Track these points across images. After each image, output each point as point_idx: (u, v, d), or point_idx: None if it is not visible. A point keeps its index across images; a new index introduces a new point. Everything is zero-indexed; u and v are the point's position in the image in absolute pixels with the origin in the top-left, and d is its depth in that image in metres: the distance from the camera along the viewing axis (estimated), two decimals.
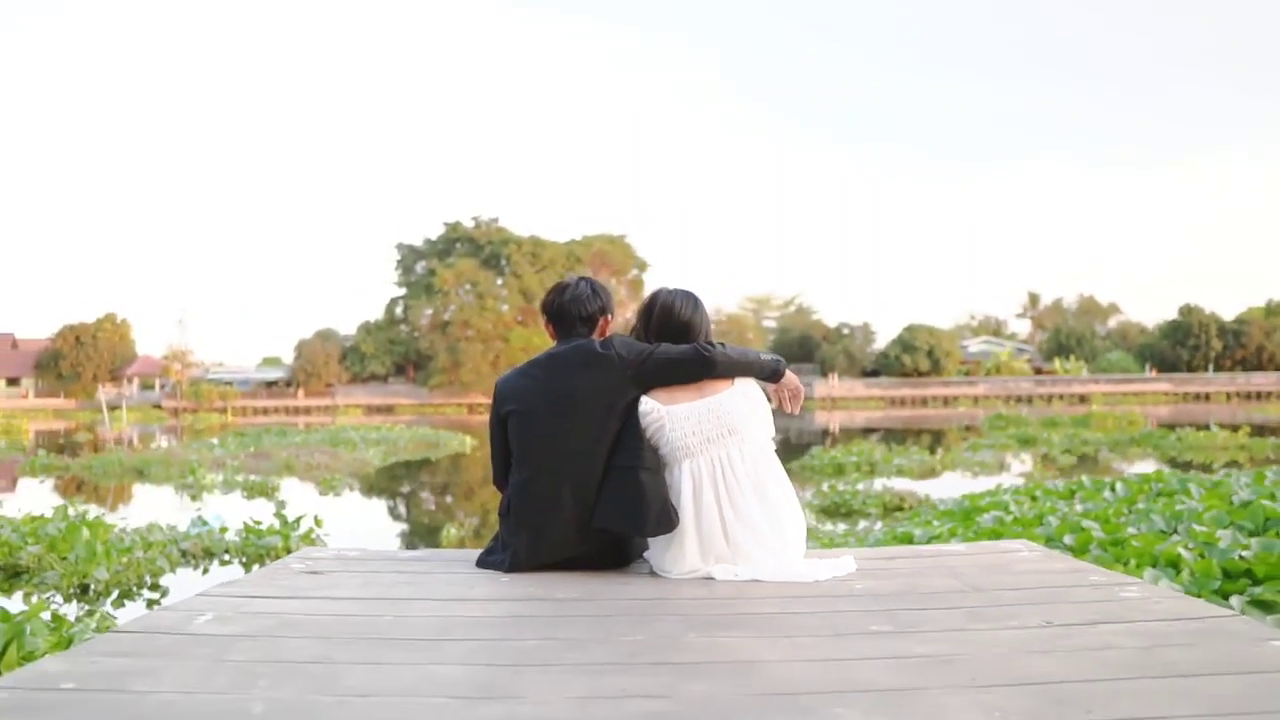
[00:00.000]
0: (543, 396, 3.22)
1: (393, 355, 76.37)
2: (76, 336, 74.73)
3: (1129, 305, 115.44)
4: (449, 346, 70.79)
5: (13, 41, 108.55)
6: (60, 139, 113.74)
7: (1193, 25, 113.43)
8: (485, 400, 65.77)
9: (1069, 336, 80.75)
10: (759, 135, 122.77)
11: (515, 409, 3.28)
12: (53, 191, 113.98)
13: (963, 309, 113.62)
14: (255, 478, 16.72)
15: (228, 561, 8.90)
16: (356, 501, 15.56)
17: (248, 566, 8.56)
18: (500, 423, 3.35)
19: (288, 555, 3.41)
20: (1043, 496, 9.74)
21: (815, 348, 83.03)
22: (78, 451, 23.51)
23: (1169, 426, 24.87)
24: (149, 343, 78.83)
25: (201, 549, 9.12)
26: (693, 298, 3.37)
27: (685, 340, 3.26)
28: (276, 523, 9.79)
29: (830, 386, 70.56)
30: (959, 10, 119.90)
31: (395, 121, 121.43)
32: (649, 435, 3.13)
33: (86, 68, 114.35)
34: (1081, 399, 63.20)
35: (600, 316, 3.38)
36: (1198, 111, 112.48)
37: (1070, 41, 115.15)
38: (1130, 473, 12.78)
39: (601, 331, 3.39)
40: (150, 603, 7.41)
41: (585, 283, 3.43)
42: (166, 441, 29.59)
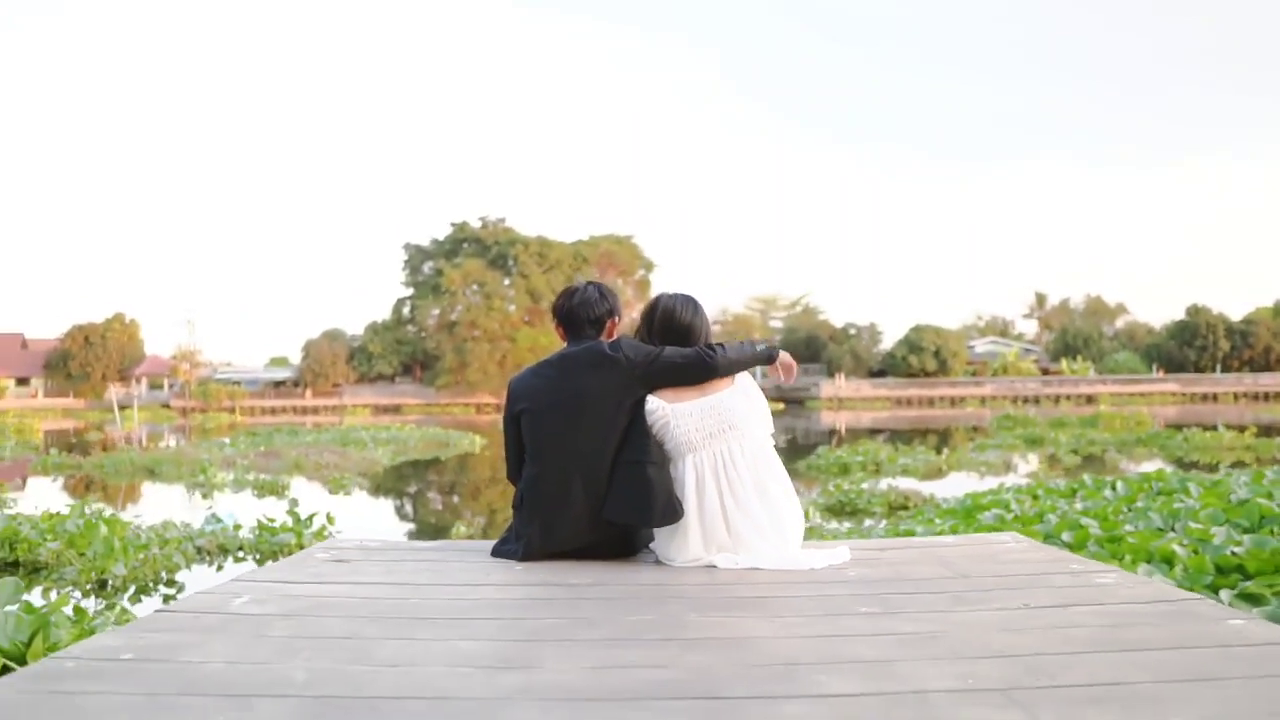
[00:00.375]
0: (554, 395, 3.39)
1: (400, 355, 76.40)
2: (85, 336, 74.83)
3: (1136, 306, 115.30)
4: (456, 346, 70.76)
5: (21, 42, 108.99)
6: (70, 140, 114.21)
7: (1192, 25, 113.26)
8: (492, 400, 66.17)
9: (1076, 337, 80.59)
10: (762, 135, 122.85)
11: (528, 407, 3.45)
12: (61, 192, 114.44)
13: (969, 309, 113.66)
14: (266, 477, 16.86)
15: (241, 558, 9.02)
16: (367, 500, 15.71)
17: (261, 563, 8.69)
18: (514, 420, 3.52)
19: (312, 545, 3.57)
20: (1044, 495, 9.81)
21: (822, 348, 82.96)
22: (88, 451, 23.69)
23: (1176, 427, 24.79)
24: (157, 343, 79.13)
25: (216, 546, 9.25)
26: (693, 302, 3.54)
27: (686, 342, 3.43)
28: (289, 520, 9.92)
29: (837, 387, 70.46)
30: (959, 10, 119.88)
31: (402, 122, 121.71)
32: (655, 432, 3.30)
33: (94, 68, 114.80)
34: (1088, 399, 63.02)
35: (608, 319, 3.54)
36: (1198, 111, 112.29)
37: (1070, 41, 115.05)
38: (1134, 473, 12.85)
39: (609, 333, 3.55)
40: (166, 598, 7.54)
41: (593, 287, 3.61)
42: (175, 441, 29.77)
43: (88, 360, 74.13)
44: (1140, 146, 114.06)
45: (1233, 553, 5.05)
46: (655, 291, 3.95)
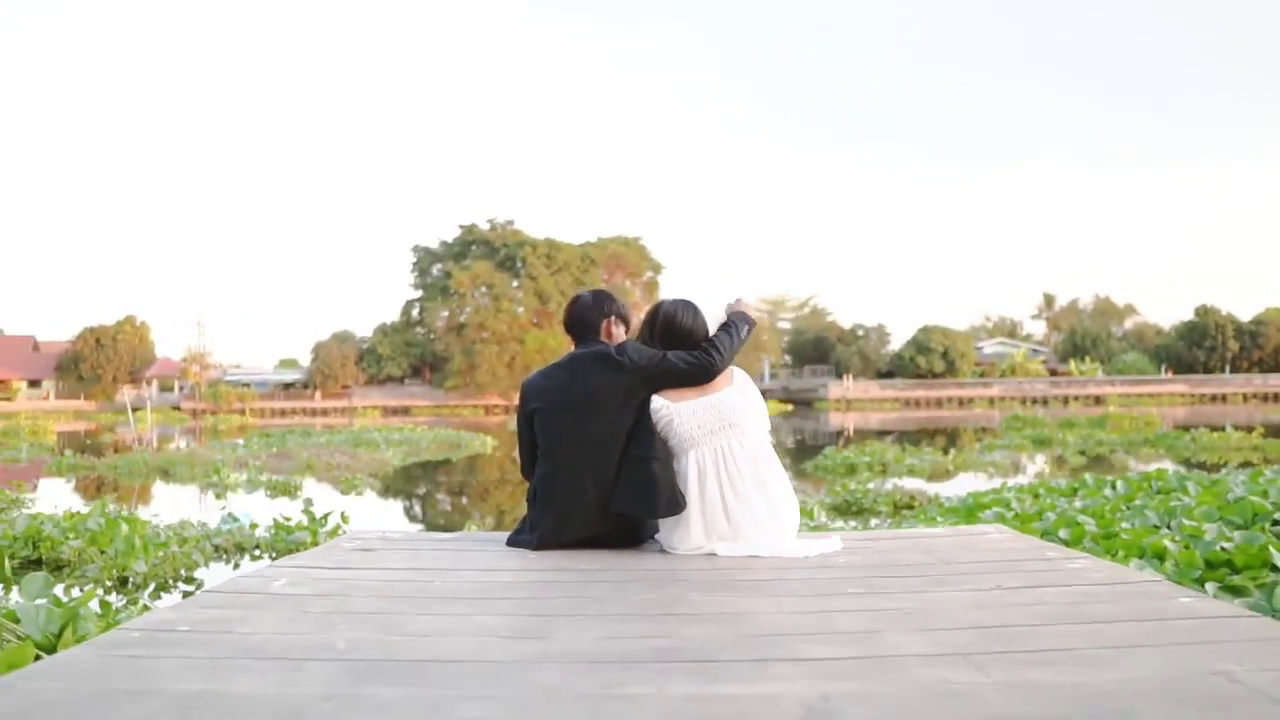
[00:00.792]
0: (564, 396, 3.64)
1: (409, 357, 76.59)
2: (96, 339, 75.16)
3: (1145, 306, 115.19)
4: (465, 348, 70.92)
5: (33, 43, 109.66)
6: (81, 143, 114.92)
7: (1194, 26, 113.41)
8: (501, 402, 66.37)
9: (1084, 338, 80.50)
10: (769, 136, 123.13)
11: (540, 407, 3.70)
12: (72, 195, 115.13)
13: (978, 310, 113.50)
14: (278, 477, 17.03)
15: (258, 556, 9.20)
16: (378, 500, 15.89)
17: (276, 560, 8.87)
18: (527, 420, 3.77)
19: (338, 536, 3.80)
20: (1045, 494, 9.92)
21: (830, 349, 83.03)
22: (101, 452, 23.93)
23: (1184, 428, 24.74)
24: (167, 345, 79.36)
25: (233, 544, 9.42)
26: (692, 306, 3.79)
27: (687, 345, 3.66)
28: (305, 519, 10.11)
29: (845, 388, 70.45)
30: (960, 10, 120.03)
31: (411, 124, 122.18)
32: (659, 429, 3.54)
33: (105, 70, 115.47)
34: (1096, 400, 62.92)
35: (602, 320, 3.81)
36: (1204, 111, 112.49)
37: (1073, 41, 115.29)
38: (1135, 473, 12.95)
39: (606, 331, 3.81)
40: (186, 594, 7.74)
41: (589, 294, 3.89)
42: (185, 443, 29.95)
43: (99, 362, 74.45)
44: (1147, 146, 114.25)
45: (1222, 548, 5.19)
46: (663, 293, 4.22)
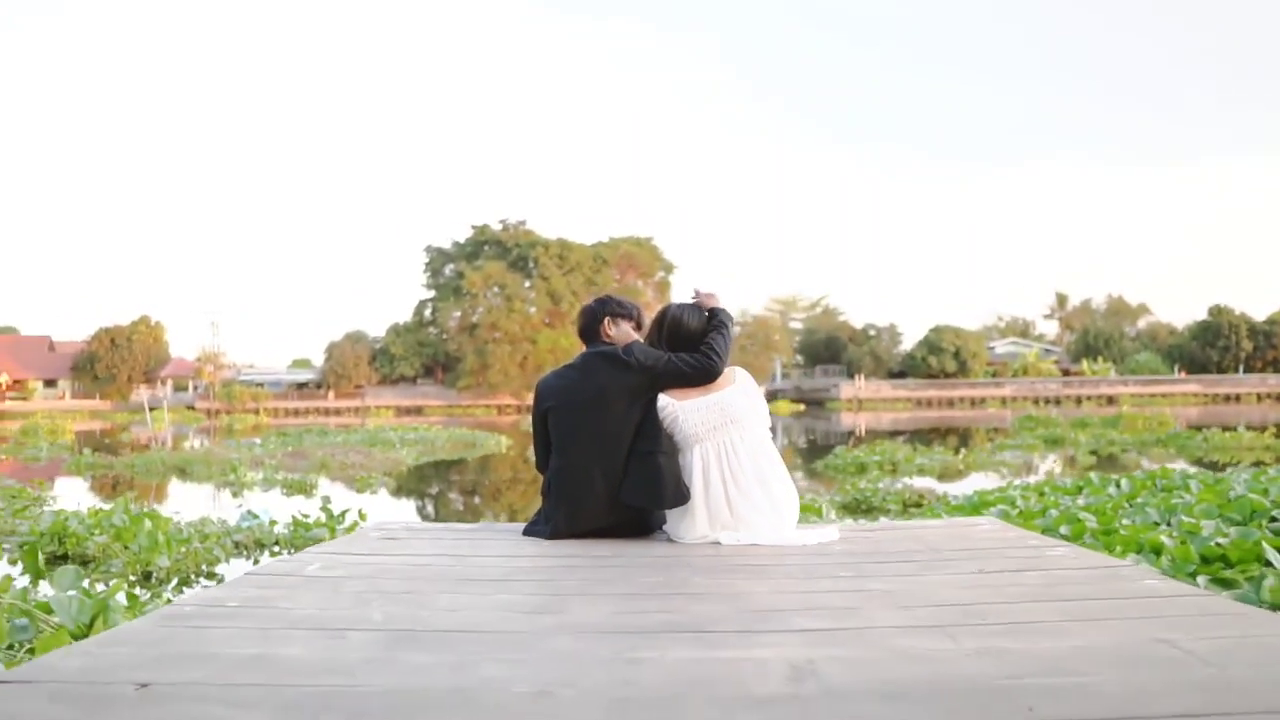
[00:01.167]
0: (576, 395, 3.87)
1: (421, 357, 76.85)
2: (112, 339, 75.58)
3: (1159, 306, 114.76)
4: (477, 348, 71.16)
5: (49, 45, 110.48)
6: (96, 145, 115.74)
7: (1196, 25, 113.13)
8: (513, 402, 66.59)
9: (1097, 337, 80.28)
10: (779, 137, 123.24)
11: (553, 405, 3.94)
12: (88, 196, 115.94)
13: (990, 310, 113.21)
14: (294, 476, 17.25)
15: (277, 552, 9.39)
16: (392, 498, 16.11)
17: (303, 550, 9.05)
18: (541, 417, 4.01)
19: (364, 525, 4.02)
20: (1050, 492, 10.05)
21: (842, 349, 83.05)
22: (117, 451, 24.21)
23: (1196, 428, 24.66)
24: (182, 345, 79.80)
25: (253, 540, 9.63)
26: (697, 310, 4.02)
27: (692, 345, 3.89)
28: (323, 516, 10.32)
29: (856, 388, 70.50)
30: (966, 11, 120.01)
31: (424, 125, 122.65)
32: (665, 425, 3.76)
33: (119, 72, 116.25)
34: (1109, 400, 62.78)
35: (599, 323, 4.06)
36: (1213, 111, 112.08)
37: (1080, 41, 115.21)
38: (1140, 472, 13.04)
39: (604, 330, 4.05)
40: (207, 589, 7.92)
41: (594, 302, 4.18)
42: (200, 442, 30.20)
43: (114, 362, 74.87)
44: (1159, 145, 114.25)
45: (1217, 544, 5.35)
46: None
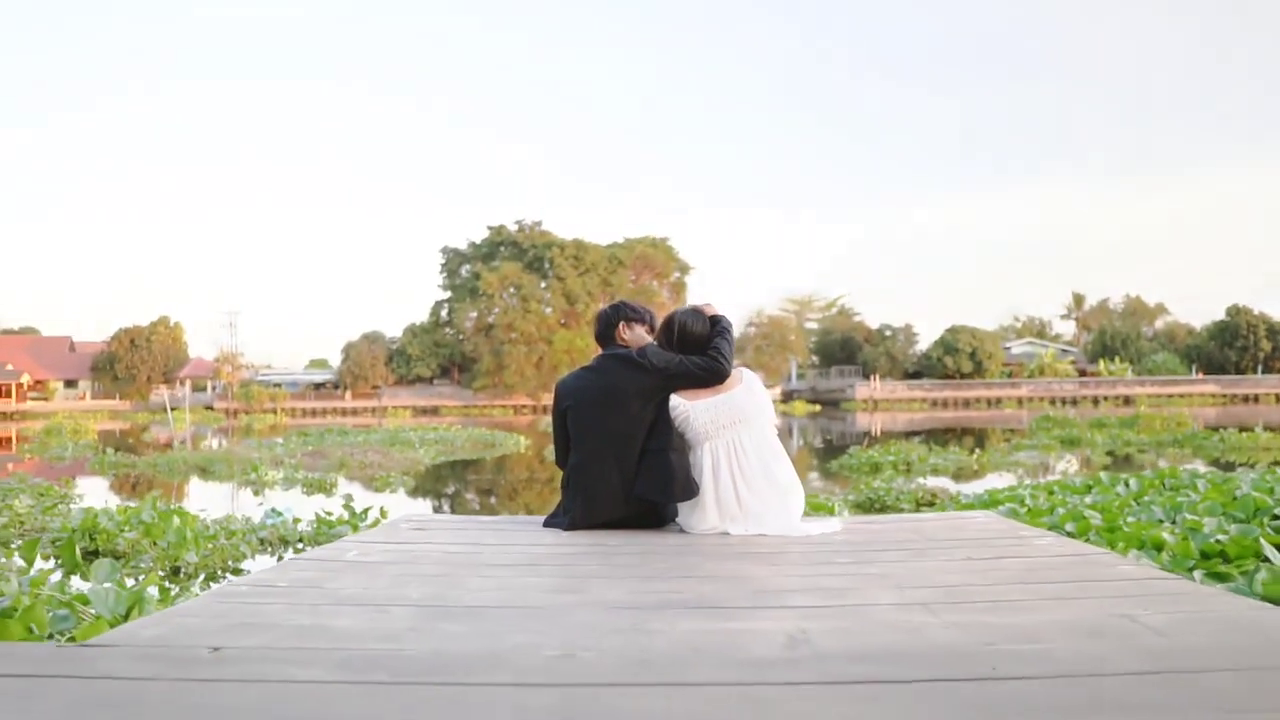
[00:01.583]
0: (593, 394, 4.12)
1: (438, 357, 77.02)
2: (131, 339, 76.06)
3: (1176, 306, 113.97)
4: (493, 349, 71.35)
5: (67, 47, 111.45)
6: (114, 146, 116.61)
7: (1212, 28, 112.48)
8: (530, 402, 66.78)
9: (1114, 338, 79.84)
10: (797, 138, 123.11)
11: (572, 404, 4.19)
12: (108, 197, 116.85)
13: (1006, 310, 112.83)
14: (314, 475, 17.48)
15: (300, 549, 9.61)
16: (409, 497, 16.33)
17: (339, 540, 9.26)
18: (561, 416, 4.26)
19: (396, 518, 4.26)
20: (1060, 491, 10.17)
21: (857, 349, 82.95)
22: (140, 450, 24.52)
23: (1214, 429, 24.54)
24: (200, 345, 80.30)
25: (277, 537, 9.86)
26: (701, 315, 4.25)
27: (699, 347, 4.12)
28: (345, 514, 10.56)
29: (872, 388, 70.48)
30: (975, 18, 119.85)
31: (440, 126, 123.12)
32: (677, 424, 4.00)
33: (135, 73, 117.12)
34: (1126, 401, 62.51)
35: (614, 327, 4.32)
36: (1229, 111, 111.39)
37: (1100, 46, 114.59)
38: (1149, 471, 13.10)
39: (619, 334, 4.30)
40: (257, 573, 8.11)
41: (609, 307, 4.44)
42: (219, 441, 30.47)
43: (133, 363, 75.35)
44: (1180, 147, 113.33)
45: (1217, 540, 5.50)
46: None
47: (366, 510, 10.58)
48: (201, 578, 8.36)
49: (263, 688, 1.63)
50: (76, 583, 6.22)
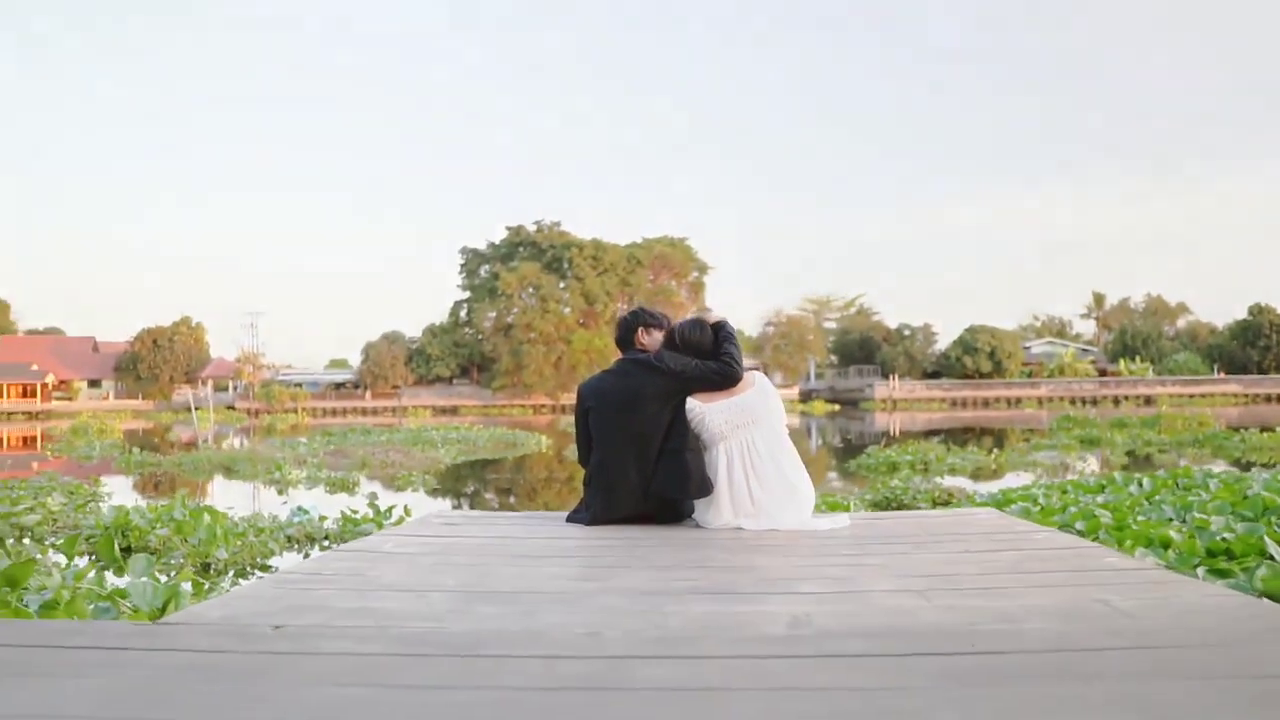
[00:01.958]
0: (614, 396, 4.35)
1: (457, 357, 77.23)
2: (154, 340, 76.63)
3: (1198, 305, 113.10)
4: (512, 349, 71.54)
5: (94, 51, 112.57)
6: (139, 148, 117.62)
7: (1232, 31, 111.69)
8: (549, 402, 67.02)
9: (1135, 337, 79.33)
10: (816, 138, 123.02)
11: (593, 405, 4.43)
12: (130, 199, 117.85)
13: (1026, 309, 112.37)
14: (337, 474, 17.71)
15: (327, 546, 9.83)
16: (429, 497, 16.54)
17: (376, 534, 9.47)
18: (583, 416, 4.50)
19: (428, 513, 4.49)
20: (1073, 490, 10.27)
21: (876, 349, 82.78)
22: (165, 449, 24.83)
23: (1235, 429, 24.35)
24: (221, 345, 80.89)
25: (304, 535, 10.07)
26: (699, 323, 4.47)
27: (703, 354, 4.34)
28: (369, 512, 10.78)
29: (891, 388, 70.41)
30: (1000, 21, 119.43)
31: (459, 127, 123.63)
32: (693, 426, 4.22)
33: (156, 75, 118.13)
34: (1147, 401, 62.15)
35: (633, 332, 4.55)
36: (1249, 110, 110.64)
37: (1119, 46, 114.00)
38: (1163, 471, 13.14)
39: (638, 339, 4.52)
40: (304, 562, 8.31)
41: (629, 314, 4.68)
42: (240, 441, 30.74)
43: (156, 363, 75.89)
44: (1202, 144, 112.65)
45: (1223, 538, 5.63)
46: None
47: (390, 509, 10.81)
48: (231, 574, 8.59)
49: (321, 659, 1.85)
50: (110, 578, 6.49)
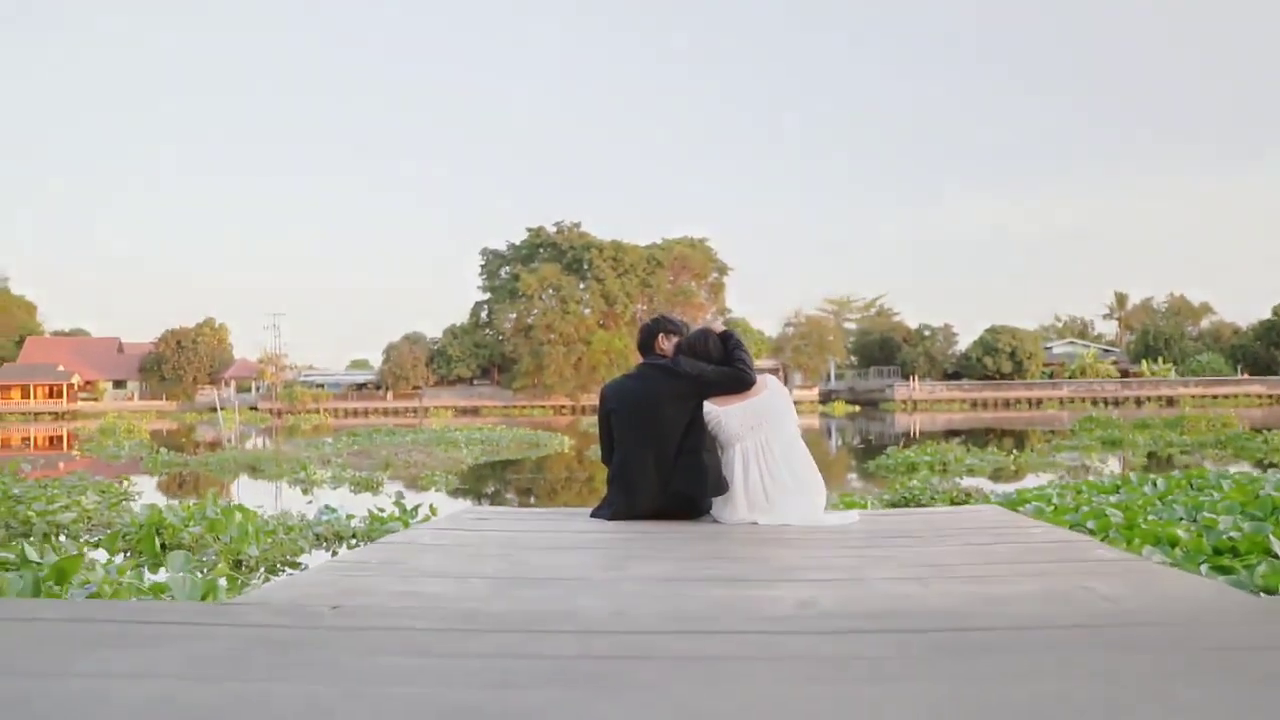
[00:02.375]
0: (635, 399, 4.62)
1: (478, 358, 77.58)
2: (178, 341, 77.38)
3: (1222, 305, 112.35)
4: (533, 350, 71.85)
5: (115, 53, 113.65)
6: (161, 150, 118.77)
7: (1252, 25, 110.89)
8: (569, 402, 67.31)
9: (1157, 338, 78.86)
10: (835, 138, 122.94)
11: (615, 408, 4.70)
12: (153, 202, 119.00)
13: (1047, 310, 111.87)
14: (361, 474, 17.99)
15: (354, 545, 10.08)
16: (450, 497, 16.78)
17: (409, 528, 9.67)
18: (605, 418, 4.76)
19: (461, 509, 4.74)
20: (1087, 491, 10.39)
21: (896, 350, 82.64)
22: (191, 450, 25.20)
23: (1258, 430, 24.18)
24: (244, 346, 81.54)
25: (332, 533, 10.32)
26: (704, 333, 4.70)
27: (710, 361, 4.57)
28: (396, 510, 11.03)
29: (911, 389, 70.34)
30: (1017, 19, 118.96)
31: (479, 128, 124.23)
32: (710, 427, 4.47)
33: (182, 71, 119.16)
34: (1170, 402, 61.82)
35: (654, 338, 4.83)
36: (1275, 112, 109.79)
37: (1138, 44, 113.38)
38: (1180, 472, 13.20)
39: (659, 345, 4.79)
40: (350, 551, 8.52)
41: (651, 321, 4.96)
42: (263, 441, 31.07)
43: (180, 364, 76.62)
44: (1228, 144, 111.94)
45: (1229, 537, 5.76)
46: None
47: (416, 508, 11.07)
48: (262, 571, 8.85)
49: (377, 633, 2.07)
50: (145, 575, 6.75)
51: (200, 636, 1.98)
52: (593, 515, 4.60)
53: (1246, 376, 70.25)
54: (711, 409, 4.42)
